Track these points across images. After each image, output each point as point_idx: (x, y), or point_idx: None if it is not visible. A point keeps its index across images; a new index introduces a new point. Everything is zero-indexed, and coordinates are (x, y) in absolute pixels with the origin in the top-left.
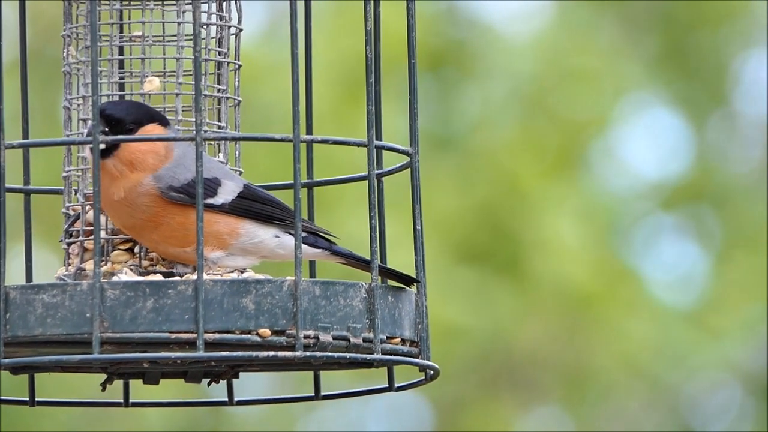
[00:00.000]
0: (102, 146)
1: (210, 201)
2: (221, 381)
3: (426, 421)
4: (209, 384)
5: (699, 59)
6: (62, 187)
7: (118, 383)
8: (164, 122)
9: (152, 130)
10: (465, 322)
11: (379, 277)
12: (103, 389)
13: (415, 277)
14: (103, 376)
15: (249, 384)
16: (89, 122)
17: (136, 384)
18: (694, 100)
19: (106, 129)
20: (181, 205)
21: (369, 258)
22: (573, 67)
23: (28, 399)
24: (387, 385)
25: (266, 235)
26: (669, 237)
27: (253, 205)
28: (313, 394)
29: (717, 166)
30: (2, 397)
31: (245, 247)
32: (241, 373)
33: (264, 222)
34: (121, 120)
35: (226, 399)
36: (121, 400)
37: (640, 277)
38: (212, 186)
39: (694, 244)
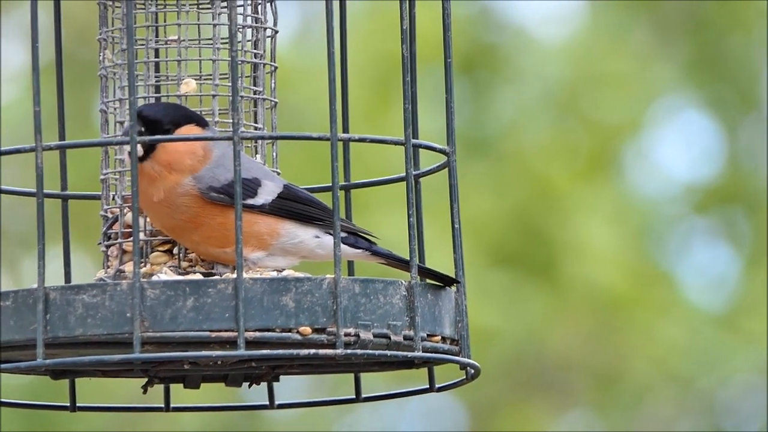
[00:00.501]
0: (139, 149)
1: (250, 201)
2: (261, 383)
3: (461, 423)
4: (249, 386)
5: (731, 62)
6: (99, 191)
7: (159, 388)
8: (202, 123)
9: (189, 131)
10: (498, 324)
11: (419, 277)
12: (144, 392)
13: (454, 277)
14: (144, 380)
15: (287, 388)
16: (126, 124)
17: (176, 388)
18: (726, 103)
19: (143, 130)
20: (221, 206)
21: (408, 258)
22: (605, 71)
23: (68, 404)
24: (428, 386)
25: (306, 236)
26: (701, 240)
27: (294, 206)
28: (353, 396)
29: (749, 169)
30: (43, 403)
31: (285, 247)
32: (281, 376)
33: (304, 222)
34: (158, 121)
35: (267, 402)
36: (162, 405)
37: (672, 280)
38: (252, 186)
39: (726, 247)
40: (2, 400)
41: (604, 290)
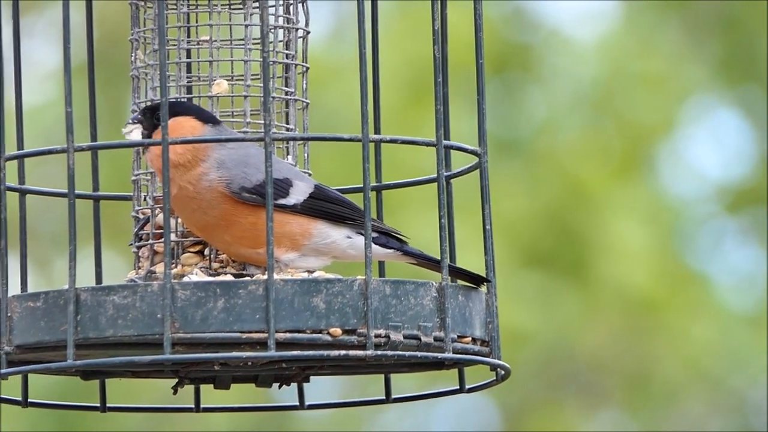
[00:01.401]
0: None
1: (282, 201)
2: (291, 384)
3: (493, 424)
4: (280, 387)
5: (762, 62)
6: (131, 192)
7: (189, 388)
8: (203, 118)
9: (185, 122)
10: (530, 325)
11: (450, 277)
12: (175, 392)
13: (485, 276)
14: (174, 380)
15: (317, 388)
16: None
17: (206, 389)
18: (758, 102)
19: (141, 117)
20: (252, 206)
21: (439, 258)
22: (638, 70)
23: (99, 405)
24: (458, 387)
25: (338, 236)
26: (733, 240)
27: (325, 206)
28: (383, 397)
29: None
30: (74, 403)
31: (318, 247)
32: (311, 377)
33: (336, 222)
34: (153, 109)
35: (297, 403)
36: (192, 405)
37: (703, 280)
38: (284, 186)
39: (758, 247)
40: (32, 400)
41: (636, 290)
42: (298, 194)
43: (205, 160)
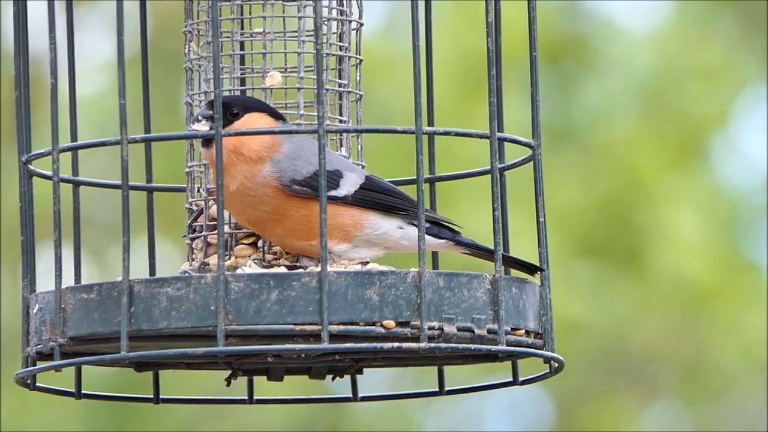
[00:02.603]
0: (204, 127)
1: (333, 193)
2: (345, 376)
3: (546, 415)
4: (333, 379)
5: None
6: (184, 184)
7: (242, 380)
8: (275, 115)
9: (259, 118)
10: (584, 316)
11: (503, 267)
12: (228, 384)
13: (538, 265)
14: (227, 372)
15: (370, 380)
16: (197, 109)
17: (260, 381)
18: None
19: (212, 113)
20: (304, 198)
21: (492, 247)
22: (692, 62)
23: (152, 396)
24: (511, 379)
25: (390, 227)
26: None
27: (376, 196)
28: (437, 389)
29: None
30: (127, 395)
31: (370, 238)
32: (364, 369)
33: (387, 213)
34: (228, 104)
35: (350, 395)
36: (246, 397)
37: (759, 271)
38: (334, 178)
39: None
40: (86, 392)
41: (691, 281)
42: (349, 185)
43: (273, 157)
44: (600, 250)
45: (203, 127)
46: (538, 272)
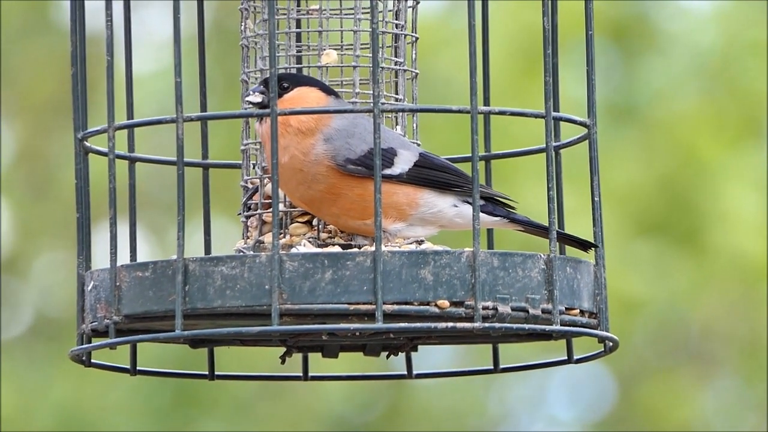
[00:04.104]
0: (258, 98)
1: (387, 171)
2: (399, 354)
3: (607, 393)
4: (388, 357)
5: None
6: (240, 161)
7: (297, 357)
8: (327, 90)
9: (310, 92)
10: (643, 293)
11: (557, 246)
12: (283, 362)
13: (593, 242)
14: (282, 350)
15: (427, 357)
16: (251, 87)
17: (314, 357)
18: None
19: (263, 89)
20: (359, 177)
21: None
22: (754, 39)
23: (207, 373)
24: (566, 358)
25: (444, 205)
26: None
27: (431, 174)
28: (491, 367)
29: None
30: (182, 371)
31: (424, 217)
32: (419, 347)
33: (442, 190)
34: (279, 79)
35: (405, 372)
36: (300, 374)
37: None
38: (388, 156)
39: None
40: (141, 368)
41: (750, 259)
42: (403, 163)
43: (322, 130)
44: (659, 229)
45: (256, 99)
46: (593, 249)
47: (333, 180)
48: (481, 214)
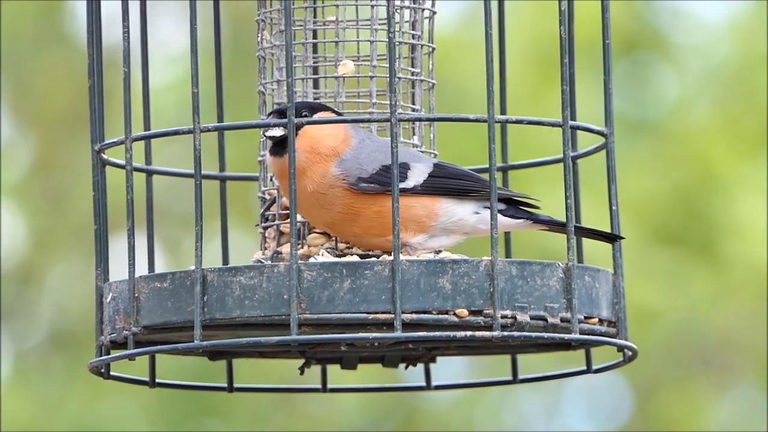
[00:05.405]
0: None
1: (401, 185)
2: (418, 364)
3: (624, 403)
4: (406, 368)
5: None
6: (257, 173)
7: (315, 369)
8: (336, 111)
9: (326, 116)
10: (660, 304)
11: (576, 239)
12: (301, 373)
13: (616, 234)
14: (301, 361)
15: (444, 369)
16: (270, 98)
17: (333, 369)
18: None
19: (280, 119)
20: (373, 195)
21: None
22: None
23: (226, 385)
24: (585, 368)
25: (465, 212)
26: None
27: (447, 182)
28: (510, 378)
29: None
30: (201, 384)
31: (446, 226)
32: (437, 358)
33: (461, 198)
34: (297, 109)
35: (424, 384)
36: (319, 386)
37: None
38: (402, 171)
39: None
40: (160, 380)
41: (766, 270)
42: (417, 176)
43: (339, 155)
44: (675, 239)
45: (277, 132)
46: (617, 241)
47: (348, 200)
48: (503, 219)
